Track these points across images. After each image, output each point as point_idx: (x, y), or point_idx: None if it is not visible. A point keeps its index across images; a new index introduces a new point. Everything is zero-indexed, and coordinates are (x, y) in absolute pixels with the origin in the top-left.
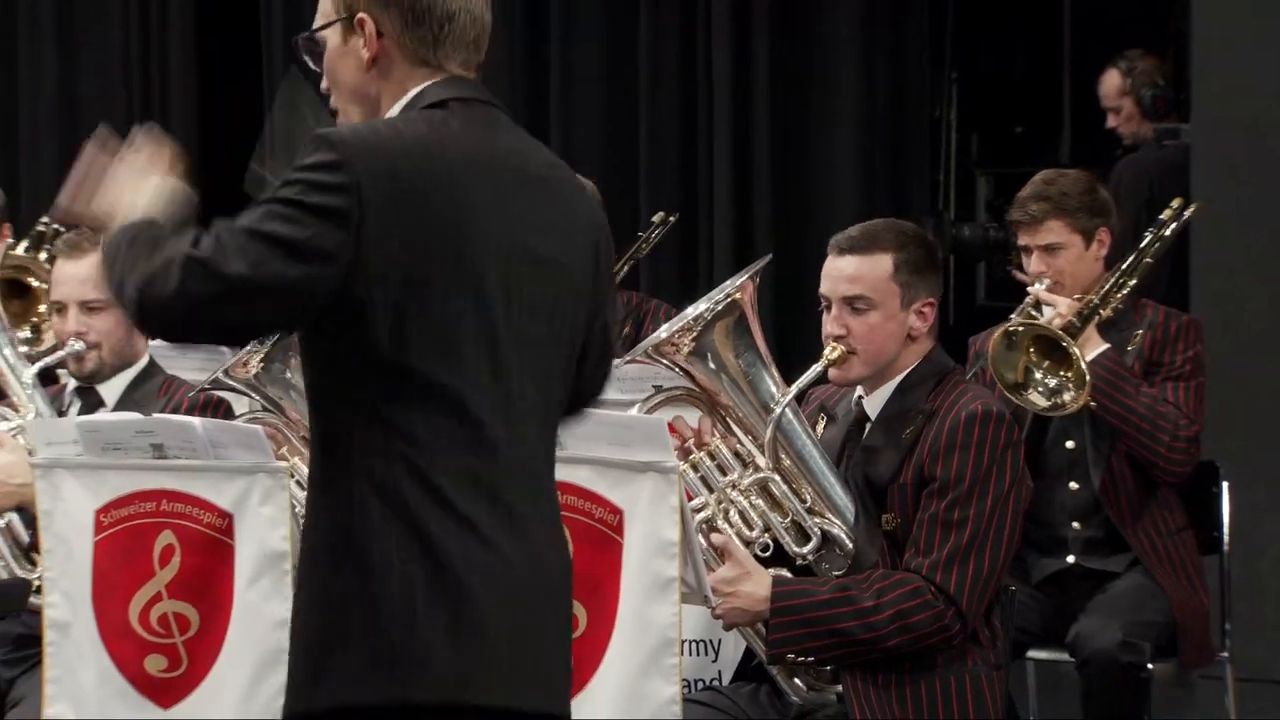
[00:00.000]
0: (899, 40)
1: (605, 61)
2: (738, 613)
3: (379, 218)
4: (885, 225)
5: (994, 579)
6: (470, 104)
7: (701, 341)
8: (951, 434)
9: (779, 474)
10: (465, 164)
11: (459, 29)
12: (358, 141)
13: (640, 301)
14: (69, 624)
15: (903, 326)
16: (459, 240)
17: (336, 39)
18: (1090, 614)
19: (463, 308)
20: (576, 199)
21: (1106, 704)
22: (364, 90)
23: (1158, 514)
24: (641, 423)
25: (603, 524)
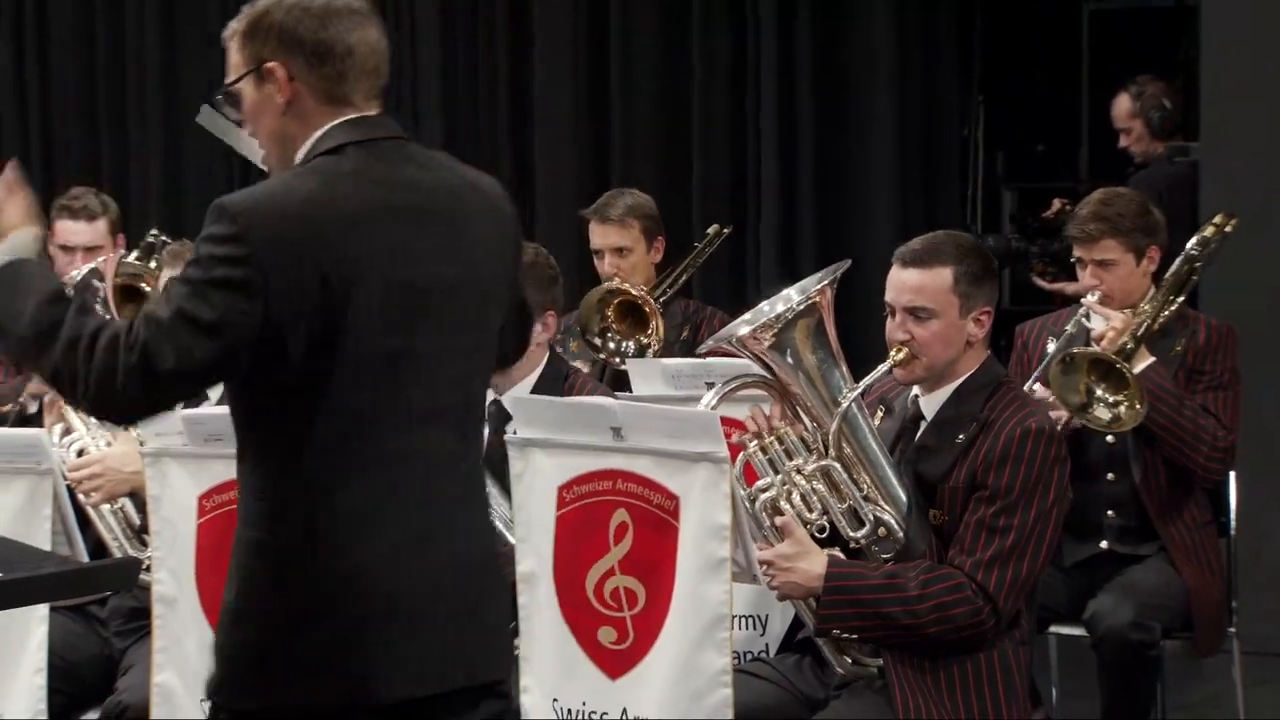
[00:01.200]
0: (931, 67)
1: (661, 88)
2: (793, 586)
3: (280, 276)
4: (946, 238)
5: (1031, 581)
6: (366, 145)
7: (782, 338)
8: (1006, 446)
9: (840, 462)
10: (354, 214)
11: (359, 61)
12: (252, 209)
13: (697, 308)
14: (175, 599)
15: (961, 333)
16: (353, 278)
17: (252, 89)
18: (1107, 594)
19: (367, 339)
20: (477, 209)
21: (1120, 678)
22: (283, 132)
23: (1187, 509)
24: (696, 417)
25: (661, 509)
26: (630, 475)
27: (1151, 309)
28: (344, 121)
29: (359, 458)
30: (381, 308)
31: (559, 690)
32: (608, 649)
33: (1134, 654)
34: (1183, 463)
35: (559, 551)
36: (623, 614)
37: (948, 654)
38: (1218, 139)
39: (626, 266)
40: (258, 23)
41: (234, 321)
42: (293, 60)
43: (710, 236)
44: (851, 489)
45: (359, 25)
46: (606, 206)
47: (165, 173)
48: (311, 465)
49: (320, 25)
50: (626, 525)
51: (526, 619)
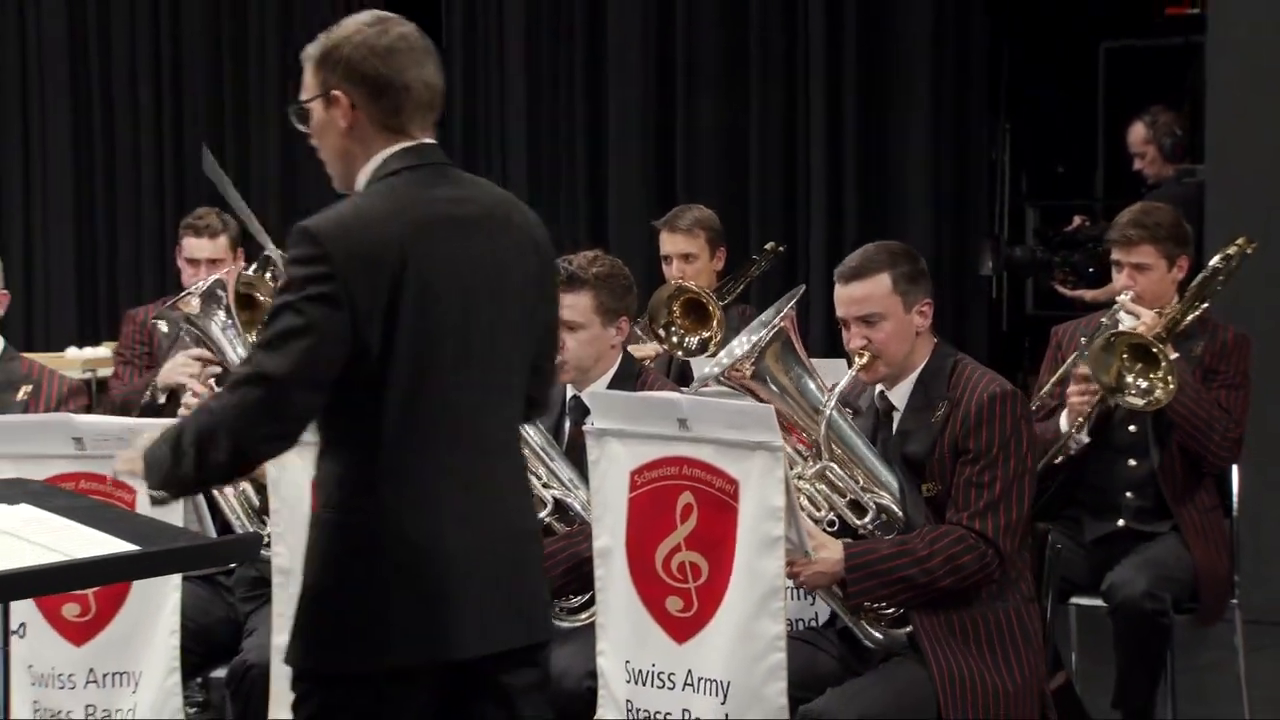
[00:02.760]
0: (962, 97)
1: (722, 121)
2: (819, 576)
3: (360, 287)
4: (876, 249)
5: (1022, 523)
6: (418, 169)
7: (759, 366)
8: (978, 413)
9: (834, 463)
10: (417, 223)
11: (416, 97)
12: (330, 229)
13: (753, 313)
14: (291, 570)
15: (910, 327)
16: (415, 285)
17: (320, 110)
18: (1123, 567)
19: (432, 340)
20: (516, 226)
21: (1134, 643)
22: (344, 152)
23: (1198, 494)
24: (754, 410)
25: (722, 493)
26: (695, 462)
27: (1178, 310)
28: (401, 149)
29: (424, 444)
30: (444, 310)
31: (631, 653)
32: (674, 617)
33: (1147, 621)
34: (1196, 449)
35: (631, 530)
36: (688, 585)
37: (968, 612)
38: (1221, 161)
39: (691, 272)
40: (330, 53)
41: (328, 330)
42: (356, 91)
43: (767, 252)
44: (849, 483)
45: (418, 63)
46: (676, 218)
47: (281, 195)
48: (384, 453)
49: (383, 62)
50: (691, 506)
51: (602, 590)
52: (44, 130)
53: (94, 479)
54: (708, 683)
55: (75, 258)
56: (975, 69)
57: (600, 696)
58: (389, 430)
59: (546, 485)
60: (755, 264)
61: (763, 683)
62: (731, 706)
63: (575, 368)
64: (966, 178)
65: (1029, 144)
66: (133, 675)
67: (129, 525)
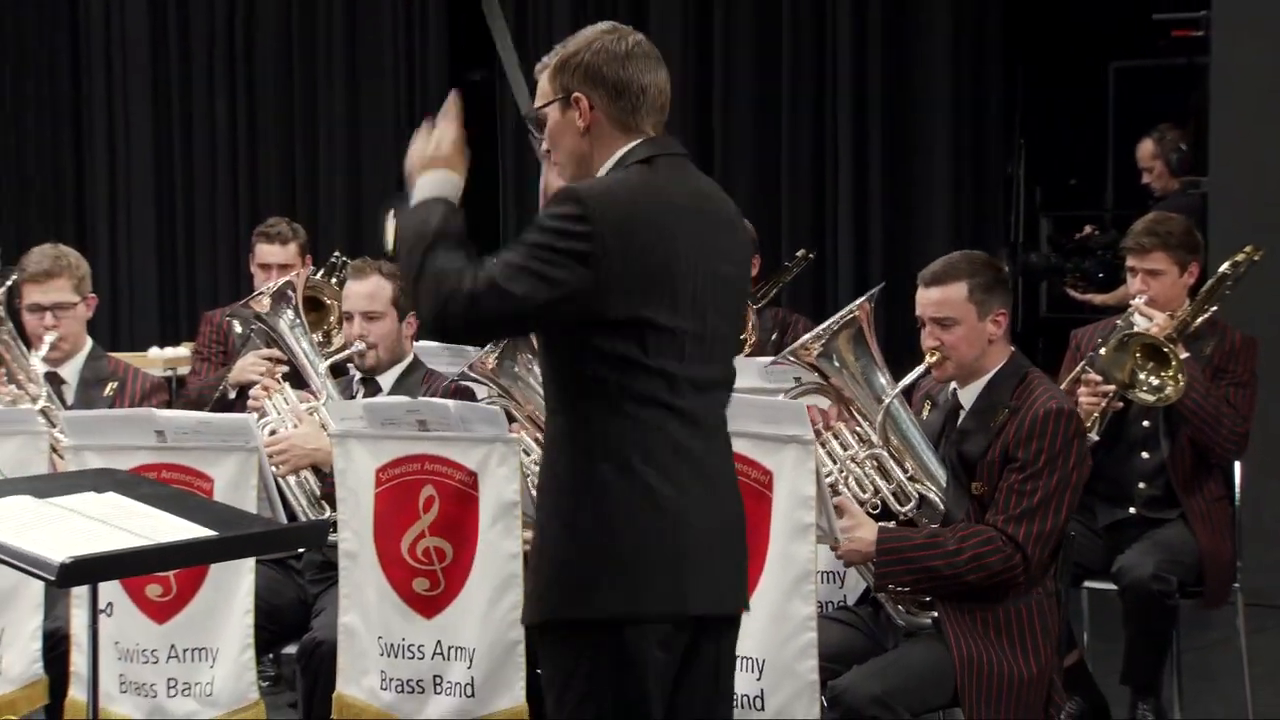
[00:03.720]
0: (981, 115)
1: (755, 131)
2: (853, 553)
3: (614, 253)
4: (959, 257)
5: (1055, 534)
6: (671, 158)
7: (828, 347)
8: (1032, 425)
9: (887, 450)
10: (672, 207)
11: (650, 99)
12: (597, 196)
13: (784, 315)
14: (357, 554)
15: (983, 334)
16: (669, 265)
17: (557, 113)
18: (1133, 551)
19: (674, 316)
20: (740, 228)
21: (1142, 624)
22: (580, 152)
23: (1205, 485)
24: (787, 405)
25: (757, 483)
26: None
27: (1189, 313)
28: (646, 140)
29: (663, 416)
30: (687, 291)
31: None
32: None
33: (1154, 602)
34: (1206, 441)
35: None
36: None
37: (991, 603)
38: (1224, 174)
39: None
40: (569, 59)
41: (570, 282)
42: (595, 93)
43: (797, 259)
44: (897, 472)
45: (653, 68)
46: None
47: (346, 205)
48: (627, 423)
49: (621, 66)
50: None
51: None
52: (128, 148)
53: (175, 469)
54: (744, 660)
55: (157, 264)
56: (992, 89)
57: None
58: (633, 401)
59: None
60: (787, 270)
61: (795, 660)
62: (766, 682)
63: None
64: (984, 190)
65: (1043, 158)
66: (210, 651)
67: (207, 512)
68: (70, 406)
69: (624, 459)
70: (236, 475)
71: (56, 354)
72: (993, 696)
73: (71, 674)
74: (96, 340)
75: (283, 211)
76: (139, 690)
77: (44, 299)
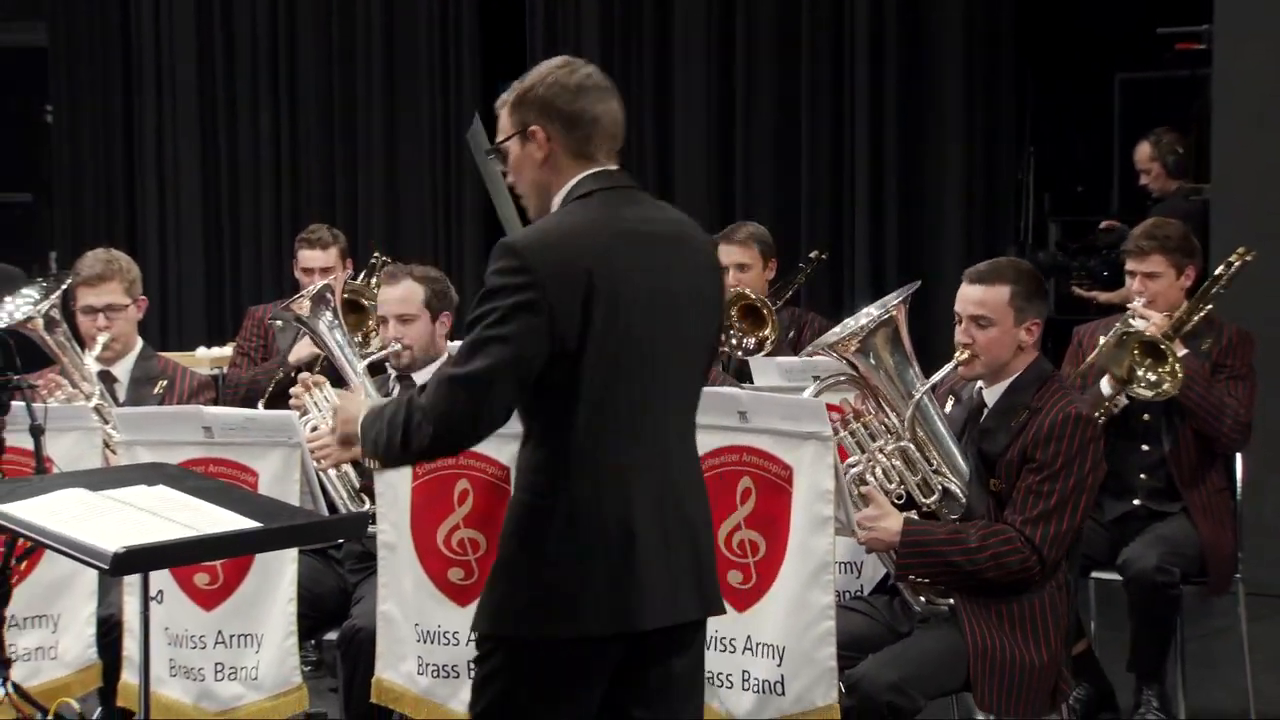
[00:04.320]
0: (992, 124)
1: (775, 138)
2: (876, 541)
3: (558, 295)
4: (1007, 263)
5: (1070, 535)
6: (610, 190)
7: (865, 343)
8: (1051, 428)
9: (914, 443)
10: (610, 237)
11: (603, 128)
12: (532, 244)
13: (801, 314)
14: (395, 545)
15: (1015, 340)
16: (605, 292)
17: (517, 147)
18: (1137, 543)
19: (615, 342)
20: (697, 244)
21: (1146, 613)
22: (540, 182)
23: (1207, 477)
24: (807, 403)
25: (778, 477)
26: (753, 450)
27: (1185, 311)
28: (592, 173)
29: (613, 438)
30: (631, 317)
31: None
32: (735, 589)
33: (1158, 592)
34: (1210, 433)
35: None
36: (748, 560)
37: (1005, 595)
38: (1224, 181)
39: (747, 280)
40: (525, 95)
41: (526, 333)
42: (551, 125)
43: (812, 260)
44: (923, 464)
45: (604, 99)
46: (733, 232)
47: (385, 212)
48: (577, 446)
49: (574, 98)
50: (750, 490)
51: None
52: (177, 159)
53: (221, 463)
54: (765, 647)
55: (204, 268)
56: (1003, 98)
57: None
58: (581, 425)
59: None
60: (801, 271)
61: (814, 647)
62: (787, 668)
63: None
64: (995, 195)
65: (1052, 165)
66: (255, 637)
67: (252, 505)
68: (122, 404)
69: (570, 480)
70: (280, 469)
71: (109, 354)
72: (1004, 683)
73: (124, 658)
74: (146, 340)
75: (323, 218)
76: (188, 674)
77: (97, 301)
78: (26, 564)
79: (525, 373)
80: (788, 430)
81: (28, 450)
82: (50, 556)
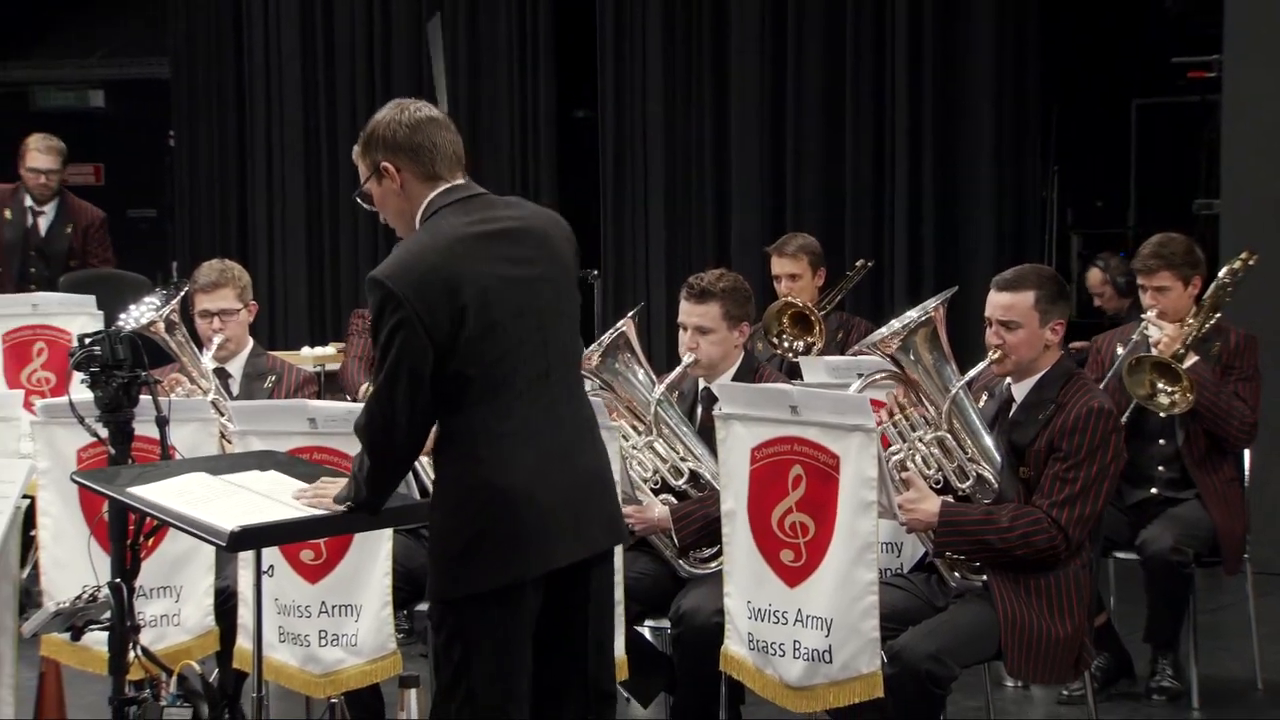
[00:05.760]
0: (1019, 146)
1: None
2: (916, 522)
3: (424, 306)
4: (1030, 269)
5: (1094, 518)
6: (453, 205)
7: (906, 341)
8: (1075, 420)
9: (951, 433)
10: (454, 244)
11: (443, 152)
12: (393, 272)
13: (848, 318)
14: None
15: (1041, 339)
16: (463, 289)
17: (376, 186)
18: (1154, 526)
19: (482, 330)
20: (545, 227)
21: (1162, 590)
22: (402, 209)
23: (1218, 467)
24: (852, 398)
25: (826, 465)
26: (803, 440)
27: (1197, 323)
28: (439, 192)
29: (501, 413)
30: (497, 300)
31: (752, 595)
32: (787, 566)
33: (1173, 571)
34: (1220, 433)
35: (752, 495)
36: (798, 541)
37: (1033, 572)
38: (1234, 198)
39: (797, 288)
40: (370, 139)
41: (415, 350)
42: (398, 159)
43: (858, 268)
44: (959, 453)
45: (440, 128)
46: (784, 244)
47: None
48: (472, 425)
49: (413, 132)
50: (801, 477)
51: (728, 544)
52: (284, 178)
53: (324, 451)
54: (814, 619)
55: (307, 276)
56: (1030, 123)
57: (727, 630)
58: (472, 405)
59: (684, 458)
60: (848, 279)
61: (859, 619)
62: (834, 639)
63: (706, 364)
64: (1023, 210)
65: (1074, 183)
66: (355, 607)
67: None
68: (235, 398)
69: (469, 455)
70: None
71: (223, 353)
72: (1032, 652)
73: (239, 625)
74: (256, 341)
75: None
76: (295, 640)
77: (212, 306)
78: (153, 540)
79: (417, 377)
80: (835, 423)
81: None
82: (174, 534)
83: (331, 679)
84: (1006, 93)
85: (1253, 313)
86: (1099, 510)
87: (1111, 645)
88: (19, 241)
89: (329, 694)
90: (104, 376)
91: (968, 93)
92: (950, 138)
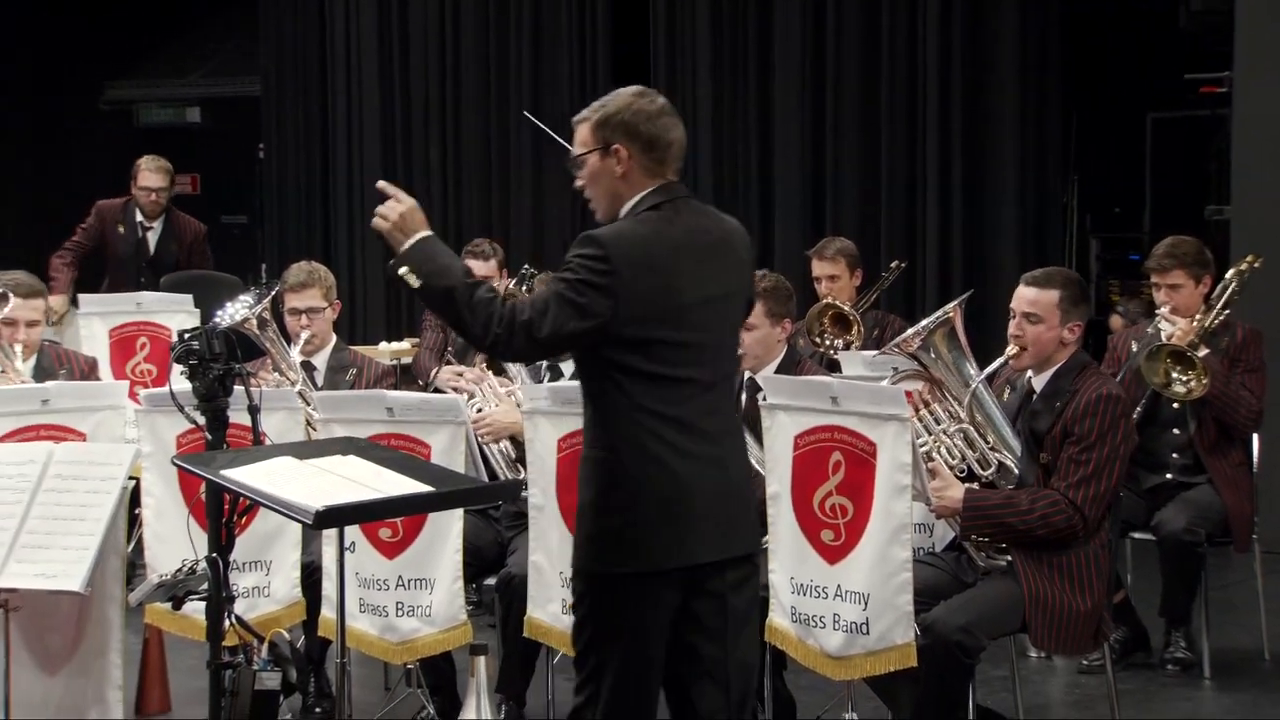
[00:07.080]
0: (1042, 155)
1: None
2: (943, 508)
3: (629, 286)
4: (1057, 271)
5: (1108, 496)
6: (674, 202)
7: (926, 341)
8: (1087, 406)
9: (973, 425)
10: (673, 244)
11: (675, 151)
12: (614, 239)
13: (883, 316)
14: (543, 506)
15: (1058, 337)
16: (672, 294)
17: (596, 160)
18: (1168, 509)
19: (675, 333)
20: (738, 243)
21: (1175, 567)
22: (615, 192)
23: (1228, 453)
24: (888, 390)
25: (864, 452)
26: (843, 429)
27: (1210, 319)
28: (657, 188)
29: (665, 406)
30: (691, 308)
31: (795, 571)
32: (827, 545)
33: (1186, 550)
34: (1228, 420)
35: (795, 480)
36: (837, 521)
37: (1055, 551)
38: (1243, 205)
39: (836, 289)
40: (609, 116)
41: (597, 311)
42: (632, 145)
43: (893, 269)
44: (981, 443)
45: (676, 125)
46: (824, 248)
47: (531, 228)
48: (636, 411)
49: (654, 123)
50: (840, 462)
51: (773, 524)
52: (364, 187)
53: (401, 438)
54: (852, 594)
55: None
56: (1052, 134)
57: (771, 604)
58: (638, 394)
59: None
60: (884, 279)
61: (894, 595)
62: (871, 612)
63: (751, 357)
64: (1045, 216)
65: (1093, 191)
66: (429, 581)
67: (427, 472)
68: (320, 389)
69: (630, 439)
70: (449, 444)
71: (310, 348)
72: (1055, 625)
73: (323, 597)
74: (340, 336)
75: (483, 234)
76: (375, 611)
77: (300, 304)
78: (246, 518)
79: (572, 344)
80: (872, 412)
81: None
82: (264, 512)
83: (407, 646)
84: (1030, 105)
85: (1259, 310)
86: (1113, 488)
87: (1129, 619)
88: (132, 255)
89: (405, 660)
90: (201, 369)
91: (994, 105)
92: (978, 148)
